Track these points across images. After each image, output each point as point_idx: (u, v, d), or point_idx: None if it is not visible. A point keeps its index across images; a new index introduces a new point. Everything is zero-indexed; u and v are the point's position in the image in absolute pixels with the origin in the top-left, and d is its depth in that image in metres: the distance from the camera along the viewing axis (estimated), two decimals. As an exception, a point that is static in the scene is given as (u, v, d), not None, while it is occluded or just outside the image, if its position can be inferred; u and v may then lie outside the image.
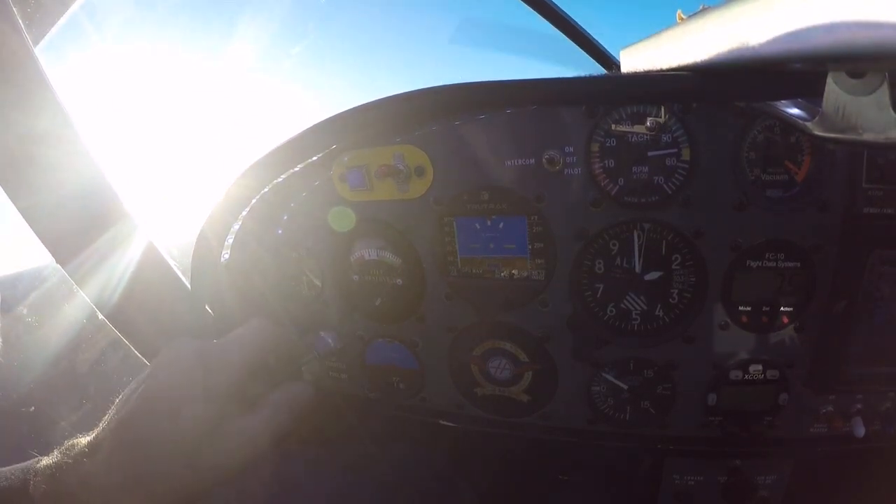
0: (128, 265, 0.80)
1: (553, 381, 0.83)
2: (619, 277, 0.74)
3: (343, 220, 0.82)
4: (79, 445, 0.52)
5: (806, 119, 0.53)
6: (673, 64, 0.63)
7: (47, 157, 0.71)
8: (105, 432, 0.53)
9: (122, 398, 0.57)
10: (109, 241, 0.78)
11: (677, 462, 0.85)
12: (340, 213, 0.82)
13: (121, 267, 0.79)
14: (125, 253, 0.80)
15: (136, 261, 0.81)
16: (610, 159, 0.68)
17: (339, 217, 0.82)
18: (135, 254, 0.81)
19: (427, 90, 0.70)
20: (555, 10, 1.69)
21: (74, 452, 0.51)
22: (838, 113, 0.44)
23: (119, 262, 0.79)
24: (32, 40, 0.70)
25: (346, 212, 0.82)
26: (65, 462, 0.51)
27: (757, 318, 0.71)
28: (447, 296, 0.81)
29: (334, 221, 0.83)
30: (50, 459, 0.52)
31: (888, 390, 0.73)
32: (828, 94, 0.44)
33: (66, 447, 0.53)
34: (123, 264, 0.79)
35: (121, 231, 0.79)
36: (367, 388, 0.96)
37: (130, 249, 0.81)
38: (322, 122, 0.74)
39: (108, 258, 0.78)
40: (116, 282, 0.79)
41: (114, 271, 0.79)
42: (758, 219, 0.67)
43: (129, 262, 0.80)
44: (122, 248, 0.79)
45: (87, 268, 0.77)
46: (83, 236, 0.76)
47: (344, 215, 0.82)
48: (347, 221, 0.82)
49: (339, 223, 0.82)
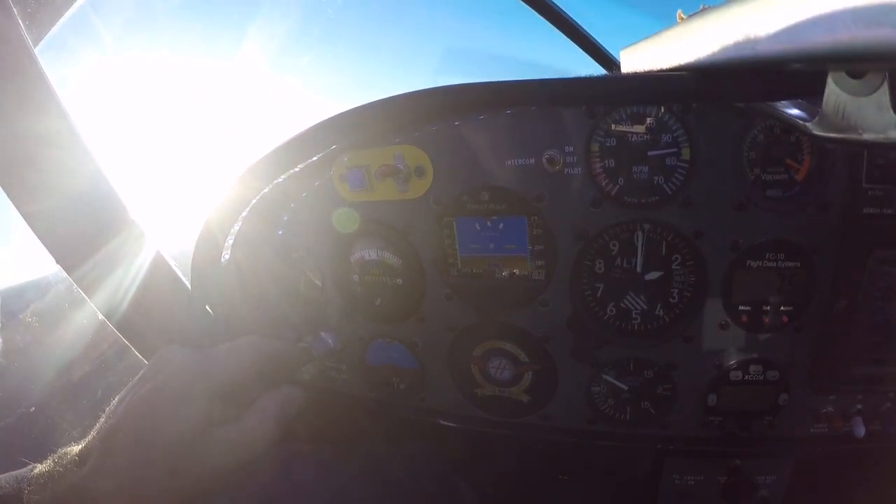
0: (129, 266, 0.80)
1: (553, 382, 0.83)
2: (619, 277, 0.74)
3: (347, 221, 0.82)
4: (70, 454, 0.53)
5: (806, 119, 0.53)
6: (673, 64, 0.63)
7: (50, 161, 0.71)
8: (94, 440, 0.54)
9: (112, 406, 0.58)
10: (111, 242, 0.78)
11: (677, 462, 0.85)
12: (345, 214, 0.82)
13: (122, 269, 0.79)
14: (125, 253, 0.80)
15: (137, 262, 0.81)
16: (610, 159, 0.68)
17: (343, 218, 0.82)
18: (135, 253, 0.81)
19: (427, 90, 0.70)
20: (555, 10, 1.69)
21: (66, 461, 0.52)
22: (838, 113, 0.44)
23: (120, 263, 0.79)
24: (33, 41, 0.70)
25: (351, 213, 0.82)
26: (56, 470, 0.52)
27: (757, 318, 0.71)
28: (447, 296, 0.81)
29: (338, 223, 0.83)
30: (43, 468, 0.53)
31: (888, 390, 0.73)
32: (828, 94, 0.44)
33: (59, 455, 0.54)
34: (125, 265, 0.79)
35: (121, 231, 0.79)
36: (367, 388, 0.96)
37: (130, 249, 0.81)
38: (322, 122, 0.74)
39: (109, 259, 0.78)
40: (117, 284, 0.79)
41: (115, 274, 0.79)
42: (758, 219, 0.67)
43: (131, 264, 0.80)
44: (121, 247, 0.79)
45: (88, 271, 0.77)
46: (86, 239, 0.77)
47: (348, 216, 0.82)
48: (352, 223, 0.82)
49: (343, 225, 0.82)
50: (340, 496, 1.02)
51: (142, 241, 0.83)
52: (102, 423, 0.56)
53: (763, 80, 0.56)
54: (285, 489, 0.96)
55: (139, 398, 0.56)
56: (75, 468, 0.51)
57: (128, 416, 0.55)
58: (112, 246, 0.77)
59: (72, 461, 0.52)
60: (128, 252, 0.80)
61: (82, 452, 0.53)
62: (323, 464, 1.02)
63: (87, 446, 0.53)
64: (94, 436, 0.54)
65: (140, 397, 0.56)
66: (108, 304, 0.82)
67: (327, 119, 0.74)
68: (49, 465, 0.53)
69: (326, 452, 1.03)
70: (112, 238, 0.78)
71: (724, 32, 0.51)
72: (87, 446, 0.53)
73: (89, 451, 0.53)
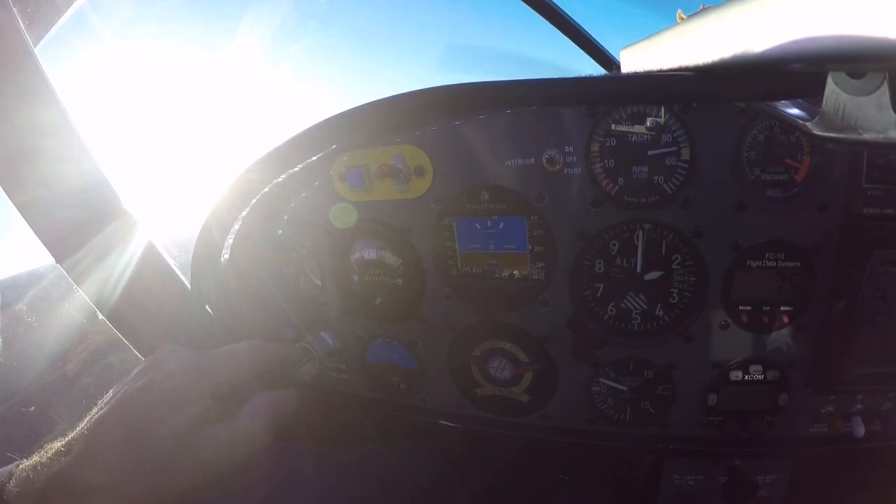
0: (127, 265, 0.79)
1: (553, 382, 0.83)
2: (619, 277, 0.74)
3: (345, 216, 0.82)
4: (55, 446, 0.53)
5: (806, 119, 0.53)
6: (673, 64, 0.63)
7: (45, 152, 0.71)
8: (81, 430, 0.53)
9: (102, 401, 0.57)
10: (109, 240, 0.77)
11: (677, 462, 0.85)
12: (342, 209, 0.82)
13: (120, 266, 0.79)
14: (125, 252, 0.80)
15: (135, 260, 0.80)
16: (610, 159, 0.68)
17: (340, 213, 0.82)
18: (135, 253, 0.81)
19: (427, 90, 0.70)
20: (555, 10, 1.69)
21: (51, 454, 0.52)
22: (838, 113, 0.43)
23: (119, 262, 0.79)
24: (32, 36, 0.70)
25: (348, 208, 0.82)
26: (40, 462, 0.51)
27: (757, 317, 0.71)
28: (447, 296, 0.81)
29: (336, 218, 0.83)
30: (28, 461, 0.52)
31: (888, 390, 0.73)
32: (828, 94, 0.44)
33: (45, 449, 0.53)
34: (123, 263, 0.79)
35: (121, 230, 0.79)
36: (367, 387, 0.96)
37: (130, 249, 0.80)
38: (322, 122, 0.74)
39: (107, 257, 0.78)
40: (116, 281, 0.79)
41: (113, 270, 0.78)
42: (758, 219, 0.67)
43: (129, 262, 0.80)
44: (121, 247, 0.79)
45: (86, 267, 0.77)
46: (82, 234, 0.76)
47: (346, 211, 0.82)
48: (349, 218, 0.82)
49: (340, 220, 0.83)
50: (340, 495, 1.02)
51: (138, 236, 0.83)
52: (92, 414, 0.55)
53: (763, 80, 0.56)
54: (283, 487, 0.96)
55: (133, 392, 0.55)
56: (59, 457, 0.50)
57: (119, 408, 0.54)
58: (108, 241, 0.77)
59: (57, 452, 0.51)
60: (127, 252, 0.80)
61: (68, 443, 0.52)
62: (322, 463, 1.02)
63: (73, 437, 0.53)
64: (82, 426, 0.54)
65: (135, 391, 0.55)
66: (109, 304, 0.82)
67: (327, 119, 0.74)
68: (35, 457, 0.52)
69: (326, 451, 1.03)
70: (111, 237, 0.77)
71: (724, 32, 0.51)
72: (73, 437, 0.53)
73: (75, 441, 0.52)
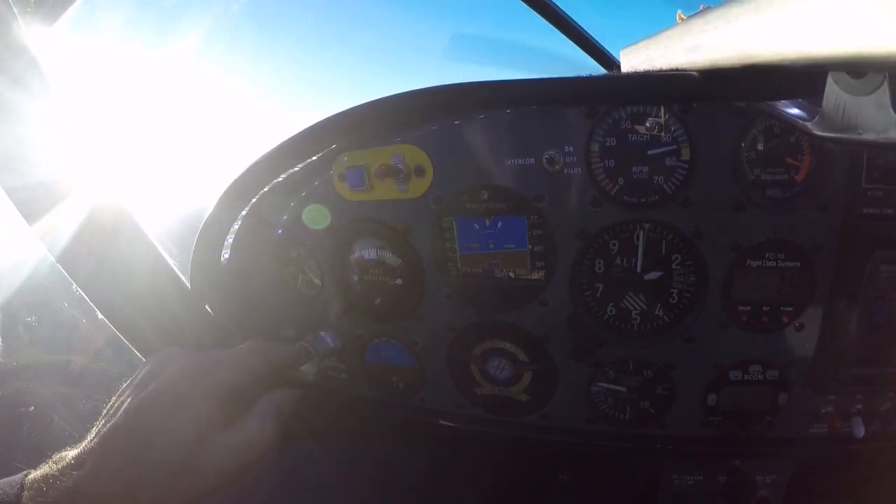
0: (127, 265, 0.79)
1: (553, 381, 0.83)
2: (619, 277, 0.73)
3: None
4: (67, 457, 0.53)
5: (806, 119, 0.53)
6: (673, 64, 0.63)
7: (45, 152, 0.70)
8: (92, 442, 0.54)
9: (109, 409, 0.58)
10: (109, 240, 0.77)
11: (677, 462, 0.85)
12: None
13: (120, 266, 0.79)
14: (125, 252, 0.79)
15: (135, 260, 0.80)
16: (610, 159, 0.68)
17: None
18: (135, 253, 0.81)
19: (427, 90, 0.70)
20: (555, 10, 1.69)
21: (62, 465, 0.52)
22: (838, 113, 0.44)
23: (118, 262, 0.79)
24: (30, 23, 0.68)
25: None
26: (52, 474, 0.51)
27: (757, 317, 0.71)
28: (447, 296, 0.81)
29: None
30: (39, 472, 0.52)
31: (888, 390, 0.73)
32: (828, 94, 0.44)
33: (55, 459, 0.54)
34: (123, 263, 0.79)
35: (121, 230, 0.79)
36: (366, 387, 0.96)
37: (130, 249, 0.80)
38: (322, 122, 0.74)
39: (107, 257, 0.78)
40: (116, 281, 0.79)
41: (113, 270, 0.78)
42: (758, 219, 0.66)
43: (129, 262, 0.79)
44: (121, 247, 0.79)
45: (86, 267, 0.77)
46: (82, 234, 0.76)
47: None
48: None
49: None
50: (339, 495, 1.02)
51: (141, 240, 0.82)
52: (101, 425, 0.55)
53: (763, 80, 0.56)
54: (282, 487, 0.96)
55: (140, 400, 0.56)
56: (73, 471, 0.51)
57: (128, 417, 0.55)
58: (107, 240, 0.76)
59: (68, 464, 0.52)
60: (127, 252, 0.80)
61: (80, 455, 0.52)
62: (321, 463, 1.02)
63: (84, 449, 0.53)
64: (92, 437, 0.54)
65: (141, 399, 0.56)
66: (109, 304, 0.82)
67: (327, 118, 0.74)
68: (46, 469, 0.52)
69: (325, 451, 1.03)
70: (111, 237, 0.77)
71: (724, 32, 0.51)
72: (84, 449, 0.53)
73: (87, 453, 0.52)
